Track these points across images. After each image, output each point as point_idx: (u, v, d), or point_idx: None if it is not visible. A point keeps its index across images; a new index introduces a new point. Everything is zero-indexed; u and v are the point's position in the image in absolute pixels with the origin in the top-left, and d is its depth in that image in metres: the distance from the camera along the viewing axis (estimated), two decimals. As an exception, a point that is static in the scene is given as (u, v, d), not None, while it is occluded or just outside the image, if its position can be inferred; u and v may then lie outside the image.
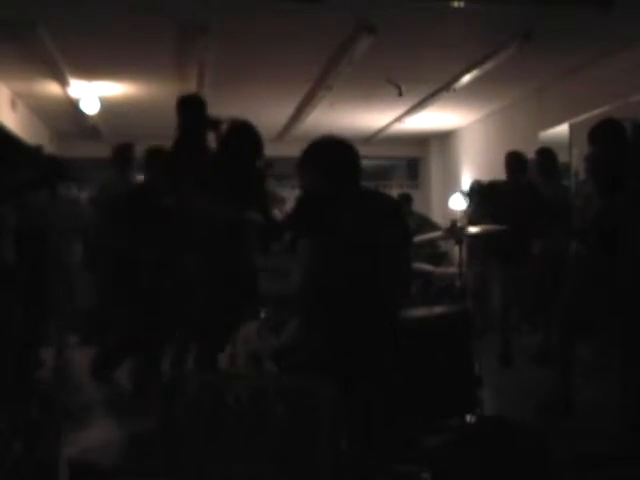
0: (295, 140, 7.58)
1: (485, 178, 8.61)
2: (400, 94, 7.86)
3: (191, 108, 4.61)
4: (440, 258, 8.84)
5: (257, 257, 4.07)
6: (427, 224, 8.75)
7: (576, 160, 7.17)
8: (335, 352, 2.91)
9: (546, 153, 6.15)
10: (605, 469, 3.27)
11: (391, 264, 3.08)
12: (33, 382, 4.26)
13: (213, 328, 4.12)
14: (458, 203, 9.86)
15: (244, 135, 4.28)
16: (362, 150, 3.21)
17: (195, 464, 2.64)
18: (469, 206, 8.51)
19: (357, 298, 2.95)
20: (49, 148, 9.53)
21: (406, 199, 9.04)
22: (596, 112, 6.51)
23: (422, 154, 12.82)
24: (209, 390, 2.72)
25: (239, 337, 3.52)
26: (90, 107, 8.10)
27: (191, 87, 7.68)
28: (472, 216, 7.55)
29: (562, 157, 6.69)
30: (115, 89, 8.04)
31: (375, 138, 11.41)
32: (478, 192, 7.71)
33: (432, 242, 8.14)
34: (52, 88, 7.82)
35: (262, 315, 3.91)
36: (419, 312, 3.83)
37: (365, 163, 3.22)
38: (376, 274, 3.00)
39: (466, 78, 7.50)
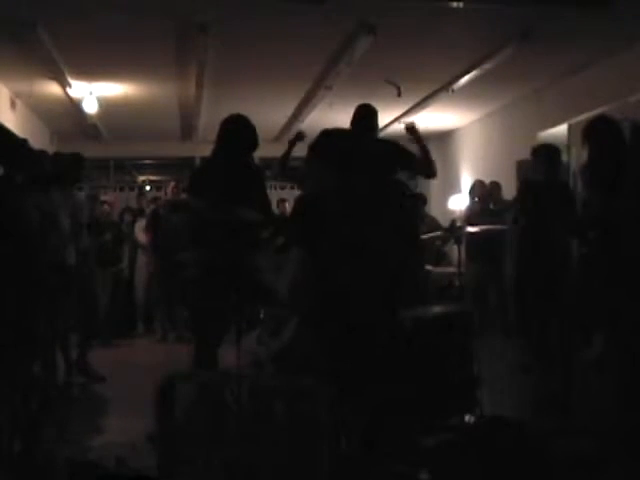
0: (294, 140, 7.57)
1: (484, 178, 8.62)
2: (399, 94, 7.84)
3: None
4: (440, 258, 8.82)
5: (256, 255, 4.06)
6: (439, 228, 8.68)
7: (575, 160, 7.16)
8: (334, 352, 2.91)
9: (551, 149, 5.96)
10: (603, 469, 3.28)
11: (397, 264, 3.08)
12: (34, 381, 4.25)
13: (210, 326, 4.12)
14: (458, 203, 9.86)
15: (239, 128, 4.27)
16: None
17: (195, 464, 2.65)
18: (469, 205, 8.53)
19: (359, 298, 2.95)
20: (49, 148, 9.53)
21: (421, 200, 8.94)
22: (595, 112, 6.50)
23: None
24: (209, 390, 2.73)
25: (242, 349, 3.52)
26: (90, 107, 8.11)
27: (191, 87, 7.69)
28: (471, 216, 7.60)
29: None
30: (115, 89, 8.04)
31: (375, 138, 11.38)
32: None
33: (435, 243, 8.14)
34: (52, 88, 7.81)
35: (262, 315, 3.91)
36: (419, 312, 3.83)
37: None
38: (380, 274, 3.00)
39: (465, 78, 7.49)
